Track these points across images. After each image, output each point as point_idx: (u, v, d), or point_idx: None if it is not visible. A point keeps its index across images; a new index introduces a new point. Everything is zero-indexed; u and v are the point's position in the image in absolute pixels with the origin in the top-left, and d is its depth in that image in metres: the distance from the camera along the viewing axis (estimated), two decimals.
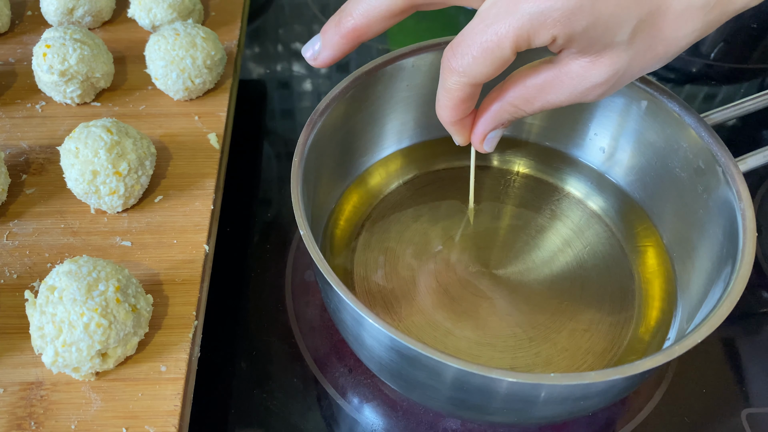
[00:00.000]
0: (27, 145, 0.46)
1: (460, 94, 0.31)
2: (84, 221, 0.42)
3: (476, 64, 0.29)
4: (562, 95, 0.31)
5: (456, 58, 0.30)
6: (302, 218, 0.35)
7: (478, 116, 0.34)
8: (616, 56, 0.29)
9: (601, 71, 0.30)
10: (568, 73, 0.30)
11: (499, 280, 0.43)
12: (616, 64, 0.29)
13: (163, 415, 0.34)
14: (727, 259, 0.36)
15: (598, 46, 0.29)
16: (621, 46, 0.29)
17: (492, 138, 0.35)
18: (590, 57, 0.29)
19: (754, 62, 0.66)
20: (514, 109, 0.33)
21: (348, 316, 0.34)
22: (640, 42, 0.29)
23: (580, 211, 0.47)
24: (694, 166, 0.40)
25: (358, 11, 0.32)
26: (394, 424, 0.40)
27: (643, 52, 0.29)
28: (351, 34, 0.33)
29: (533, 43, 0.28)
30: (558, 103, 0.32)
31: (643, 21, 0.28)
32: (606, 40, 0.28)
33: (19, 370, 0.35)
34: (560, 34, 0.28)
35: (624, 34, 0.28)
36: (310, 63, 0.35)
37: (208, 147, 0.46)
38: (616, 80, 0.30)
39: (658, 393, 0.41)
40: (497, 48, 0.28)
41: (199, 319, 0.38)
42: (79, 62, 0.45)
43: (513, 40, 0.28)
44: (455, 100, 0.32)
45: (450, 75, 0.30)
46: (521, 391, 0.31)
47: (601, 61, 0.29)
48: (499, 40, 0.28)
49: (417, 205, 0.47)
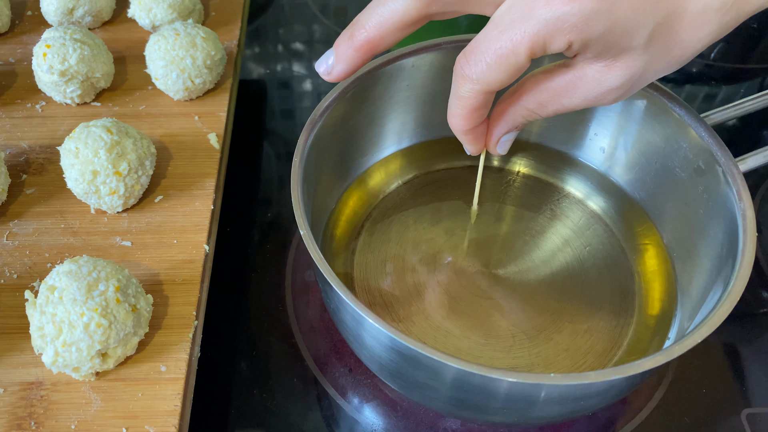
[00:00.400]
0: (27, 145, 0.46)
1: (473, 102, 0.31)
2: (84, 221, 0.42)
3: (490, 71, 0.29)
4: (577, 99, 0.31)
5: (469, 65, 0.29)
6: (302, 218, 0.35)
7: (492, 119, 0.34)
8: (632, 60, 0.29)
9: (617, 75, 0.29)
10: (583, 77, 0.30)
11: (500, 280, 0.43)
12: (632, 69, 0.29)
13: (163, 415, 0.34)
14: (727, 259, 0.36)
15: (614, 51, 0.28)
16: (637, 50, 0.28)
17: (506, 141, 0.35)
18: (606, 61, 0.29)
19: (754, 62, 0.66)
20: (528, 113, 0.33)
21: (348, 316, 0.34)
22: (657, 46, 0.29)
23: (580, 211, 0.47)
24: (694, 166, 0.40)
25: (371, 23, 0.31)
26: (394, 424, 0.40)
27: (659, 55, 0.29)
28: (364, 46, 0.32)
29: (549, 49, 0.28)
30: (573, 107, 0.31)
31: (660, 24, 0.28)
32: (622, 44, 0.28)
33: (19, 370, 0.35)
34: (576, 39, 0.27)
35: (641, 38, 0.28)
36: (325, 78, 0.34)
37: (208, 147, 0.46)
38: (632, 84, 0.30)
39: (658, 393, 0.41)
40: (512, 54, 0.28)
41: (199, 319, 0.38)
42: (79, 62, 0.45)
43: (528, 46, 0.27)
44: (468, 108, 0.31)
45: (463, 82, 0.30)
46: (521, 391, 0.31)
47: (616, 66, 0.29)
48: (514, 47, 0.28)
49: (417, 206, 0.47)
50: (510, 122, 0.34)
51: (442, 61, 0.44)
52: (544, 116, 0.33)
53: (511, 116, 0.33)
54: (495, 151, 0.35)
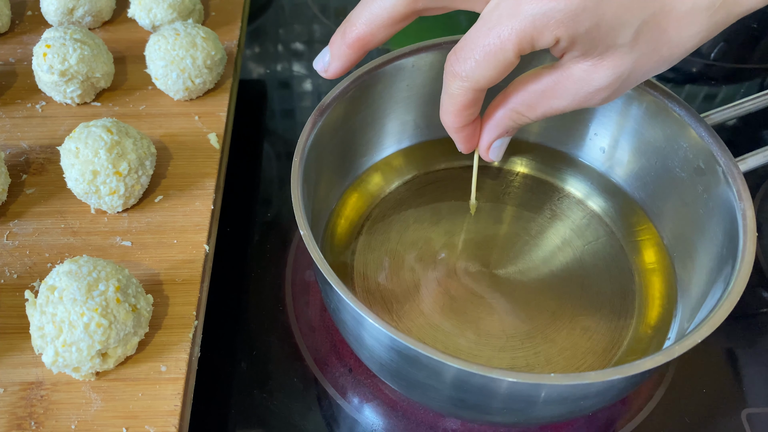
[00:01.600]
0: (27, 145, 0.46)
1: (463, 99, 0.31)
2: (84, 221, 0.42)
3: (479, 68, 0.29)
4: (565, 100, 0.31)
5: (459, 62, 0.30)
6: (302, 218, 0.35)
7: (483, 125, 0.34)
8: (619, 59, 0.29)
9: (604, 74, 0.29)
10: (571, 77, 0.30)
11: (500, 280, 0.43)
12: (620, 67, 0.29)
13: (163, 415, 0.34)
14: (727, 259, 0.36)
15: (601, 48, 0.28)
16: (624, 48, 0.28)
17: (497, 147, 0.35)
18: (593, 60, 0.29)
19: (754, 62, 0.66)
20: (517, 115, 0.33)
21: (348, 316, 0.34)
22: (644, 44, 0.29)
23: (580, 211, 0.47)
24: (694, 166, 0.40)
25: (361, 20, 0.32)
26: (394, 424, 0.40)
27: (647, 54, 0.29)
28: (356, 43, 0.33)
29: (536, 45, 0.28)
30: (561, 109, 0.31)
31: (646, 23, 0.28)
32: (609, 41, 0.28)
33: (20, 370, 0.35)
34: (563, 35, 0.27)
35: (627, 35, 0.28)
36: (323, 75, 0.35)
37: (208, 147, 0.46)
38: (620, 84, 0.30)
39: (658, 393, 0.41)
40: (500, 51, 0.28)
41: (199, 319, 0.38)
42: (80, 62, 0.45)
43: (516, 42, 0.28)
44: (459, 105, 0.31)
45: (453, 80, 0.30)
46: (521, 391, 0.31)
47: (603, 64, 0.29)
48: (501, 43, 0.28)
49: (417, 206, 0.47)
50: (500, 126, 0.34)
51: (442, 61, 0.43)
52: (533, 119, 0.32)
53: (500, 120, 0.33)
54: (487, 157, 0.35)
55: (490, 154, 0.35)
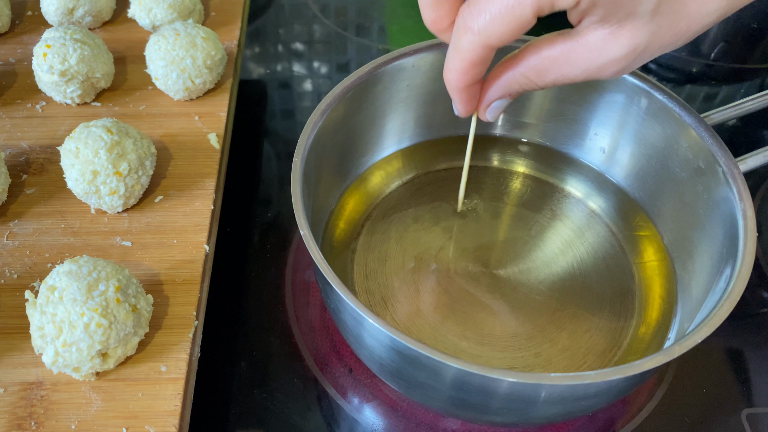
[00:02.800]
0: (27, 145, 0.46)
1: (472, 55, 0.30)
2: (84, 221, 0.42)
3: (494, 23, 0.28)
4: (577, 69, 0.30)
5: (472, 15, 0.28)
6: (302, 218, 0.35)
7: (487, 82, 0.33)
8: (637, 29, 0.28)
9: (621, 44, 0.28)
10: (586, 44, 0.29)
11: (499, 280, 0.43)
12: (637, 38, 0.28)
13: (163, 415, 0.34)
14: (727, 259, 0.36)
15: (621, 14, 0.27)
16: (644, 17, 0.27)
17: (496, 107, 0.34)
18: (611, 28, 0.28)
19: (754, 62, 0.66)
20: (525, 80, 0.31)
21: (348, 316, 0.34)
22: (664, 15, 0.28)
23: (580, 211, 0.47)
24: (694, 166, 0.40)
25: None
26: (394, 424, 0.40)
27: (665, 27, 0.28)
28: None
29: (556, 4, 0.27)
30: (572, 78, 0.30)
31: None
32: (630, 8, 0.27)
33: (20, 370, 0.35)
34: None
35: (648, 4, 0.27)
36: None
37: (208, 147, 0.46)
38: (635, 57, 0.29)
39: (658, 393, 0.41)
40: (518, 6, 0.27)
41: (199, 319, 0.38)
42: (80, 62, 0.45)
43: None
44: (466, 62, 0.30)
45: (464, 33, 0.29)
46: (521, 391, 0.31)
47: (621, 34, 0.28)
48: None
49: (417, 206, 0.47)
50: (505, 87, 0.32)
51: (442, 61, 0.44)
52: (541, 86, 0.31)
53: (507, 81, 0.32)
54: (484, 115, 0.34)
55: (488, 113, 0.34)
